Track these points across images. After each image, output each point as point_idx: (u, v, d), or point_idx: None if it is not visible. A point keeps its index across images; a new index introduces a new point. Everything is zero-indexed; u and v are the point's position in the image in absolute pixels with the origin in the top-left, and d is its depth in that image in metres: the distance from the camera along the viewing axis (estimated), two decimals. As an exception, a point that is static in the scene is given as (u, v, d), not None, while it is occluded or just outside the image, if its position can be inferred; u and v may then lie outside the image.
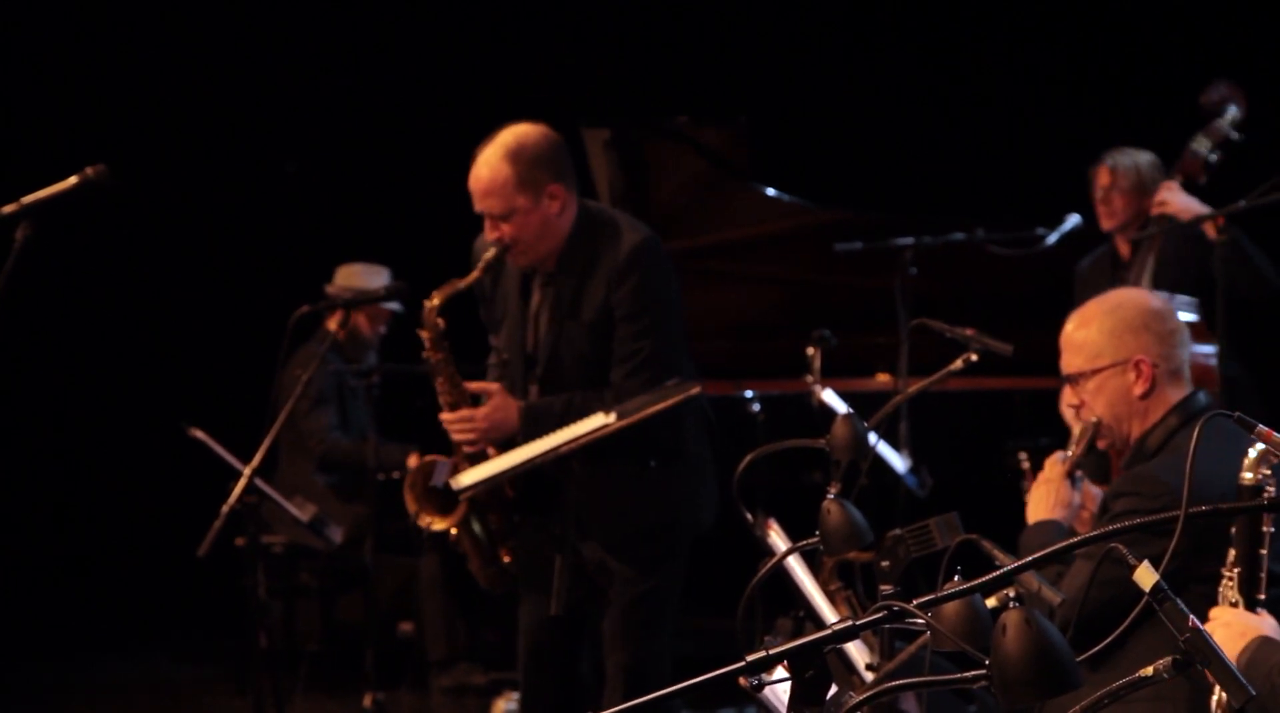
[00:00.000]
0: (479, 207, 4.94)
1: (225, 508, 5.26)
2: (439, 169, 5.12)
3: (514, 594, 5.25)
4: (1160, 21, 8.94)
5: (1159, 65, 8.84)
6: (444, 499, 5.10)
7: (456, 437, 5.01)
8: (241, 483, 5.30)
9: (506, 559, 5.08)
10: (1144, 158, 7.11)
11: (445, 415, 5.01)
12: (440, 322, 4.98)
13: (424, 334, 5.00)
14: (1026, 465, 5.29)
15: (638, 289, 4.88)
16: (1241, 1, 8.74)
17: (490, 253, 4.93)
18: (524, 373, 5.03)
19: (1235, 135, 6.73)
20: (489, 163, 4.90)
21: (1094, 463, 4.49)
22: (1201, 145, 6.74)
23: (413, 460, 7.41)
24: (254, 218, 9.43)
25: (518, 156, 4.88)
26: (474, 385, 5.01)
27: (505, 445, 4.98)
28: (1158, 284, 6.69)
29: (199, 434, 6.27)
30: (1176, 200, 6.60)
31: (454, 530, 5.10)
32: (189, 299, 9.46)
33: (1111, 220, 7.08)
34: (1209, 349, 6.54)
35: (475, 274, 4.96)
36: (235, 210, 9.45)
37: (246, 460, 5.37)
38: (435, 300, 4.96)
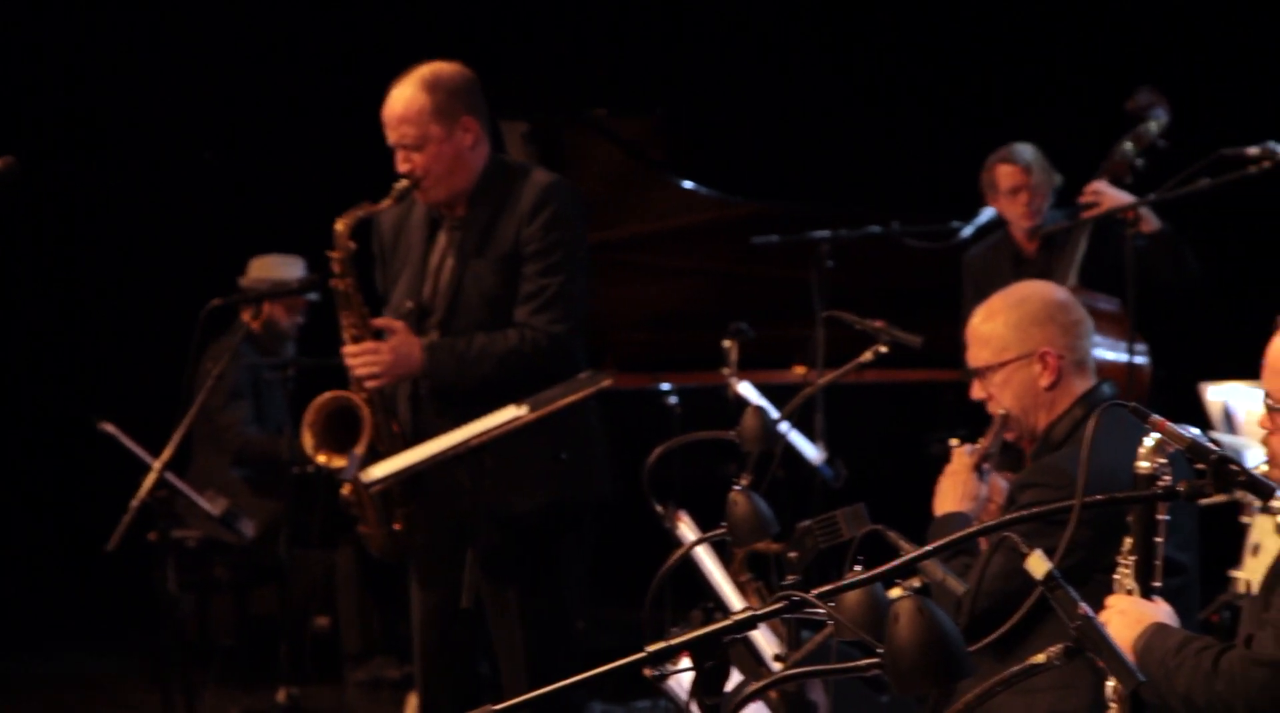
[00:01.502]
0: (392, 137, 4.95)
1: (135, 502, 5.22)
2: (355, 160, 5.11)
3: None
4: (1075, 20, 9.02)
5: (1070, 62, 8.92)
6: (341, 438, 5.03)
7: (359, 371, 4.94)
8: (152, 477, 5.26)
9: (398, 527, 5.04)
10: (1033, 149, 7.18)
11: (349, 348, 4.96)
12: (352, 244, 4.96)
13: (334, 255, 4.97)
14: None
15: (549, 225, 4.91)
16: (1146, 6, 8.83)
17: (402, 183, 4.94)
18: (419, 322, 5.00)
19: (1161, 142, 6.78)
20: (404, 91, 4.94)
21: (1010, 455, 4.52)
22: (1129, 148, 6.79)
23: None
24: (169, 208, 9.36)
25: (434, 85, 4.93)
26: (379, 321, 4.97)
27: (419, 438, 4.97)
28: (1085, 281, 6.77)
29: (109, 428, 6.22)
30: (1110, 194, 6.66)
31: (348, 487, 5.05)
32: (101, 291, 9.38)
33: (1033, 218, 7.10)
34: (1140, 347, 6.63)
35: (388, 202, 4.96)
36: (150, 200, 9.38)
37: (159, 455, 5.33)
38: (345, 222, 4.96)
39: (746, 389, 6.44)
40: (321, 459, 5.06)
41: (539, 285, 4.91)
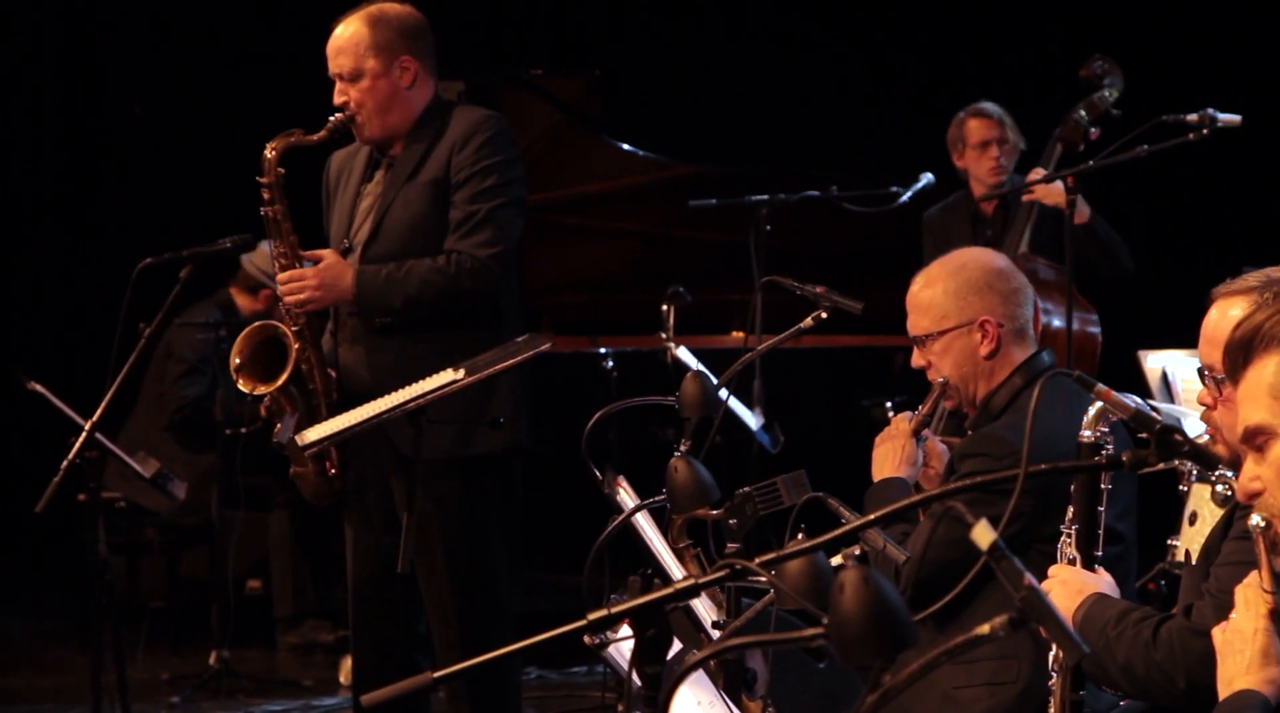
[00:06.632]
0: (331, 68, 4.95)
1: (64, 463, 5.15)
2: (293, 119, 5.04)
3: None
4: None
5: (1018, 27, 8.91)
6: (269, 366, 4.98)
7: (288, 299, 4.92)
8: (82, 437, 5.19)
9: (333, 471, 5.01)
10: (1001, 108, 7.17)
11: (279, 276, 4.96)
12: (280, 170, 4.93)
13: (263, 181, 4.94)
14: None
15: (480, 151, 4.88)
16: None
17: (337, 117, 4.93)
18: (344, 256, 4.98)
19: (1115, 111, 6.78)
20: (348, 24, 4.94)
21: (955, 419, 4.51)
22: (1083, 116, 6.78)
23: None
24: (97, 164, 9.24)
25: (377, 21, 4.93)
26: (308, 253, 4.96)
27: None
28: (1035, 249, 6.79)
29: (37, 387, 6.14)
30: (1045, 189, 6.68)
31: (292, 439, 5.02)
32: (29, 248, 9.26)
33: (1000, 175, 7.08)
34: (1091, 317, 6.65)
35: (322, 133, 4.93)
36: (78, 156, 9.26)
37: (87, 415, 5.26)
38: (274, 148, 4.92)
39: (684, 354, 6.42)
40: (245, 386, 5.00)
41: (468, 211, 4.87)
